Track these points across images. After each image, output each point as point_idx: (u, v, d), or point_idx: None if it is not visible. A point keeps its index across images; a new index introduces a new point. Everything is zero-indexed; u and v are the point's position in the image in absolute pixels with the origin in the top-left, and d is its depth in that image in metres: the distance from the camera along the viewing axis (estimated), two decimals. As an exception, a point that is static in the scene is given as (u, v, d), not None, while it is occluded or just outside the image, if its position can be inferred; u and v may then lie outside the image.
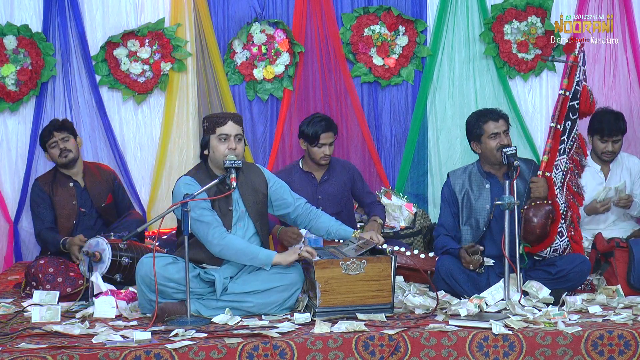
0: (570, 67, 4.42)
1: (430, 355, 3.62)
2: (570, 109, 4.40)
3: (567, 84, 4.42)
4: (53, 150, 5.05)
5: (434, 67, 6.03)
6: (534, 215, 4.21)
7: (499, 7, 5.99)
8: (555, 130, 4.38)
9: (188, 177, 4.19)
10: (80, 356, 3.42)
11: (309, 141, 5.09)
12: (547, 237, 4.25)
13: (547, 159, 4.35)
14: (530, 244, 4.25)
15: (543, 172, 4.33)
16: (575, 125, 4.46)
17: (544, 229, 4.21)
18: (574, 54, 4.46)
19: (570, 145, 4.46)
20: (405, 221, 5.53)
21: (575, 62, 4.41)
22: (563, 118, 4.39)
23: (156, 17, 5.81)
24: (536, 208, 4.23)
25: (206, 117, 4.26)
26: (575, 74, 4.40)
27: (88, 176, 5.13)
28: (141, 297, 4.07)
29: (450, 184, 4.56)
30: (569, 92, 4.40)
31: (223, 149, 4.13)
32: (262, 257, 4.08)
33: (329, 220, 4.39)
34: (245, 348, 3.53)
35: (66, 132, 5.06)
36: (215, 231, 4.06)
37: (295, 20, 5.90)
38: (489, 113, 4.49)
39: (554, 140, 4.37)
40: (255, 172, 4.34)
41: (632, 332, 3.67)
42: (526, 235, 4.21)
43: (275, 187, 4.35)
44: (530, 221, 4.20)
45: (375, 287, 3.93)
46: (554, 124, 4.38)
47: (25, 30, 5.63)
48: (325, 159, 5.11)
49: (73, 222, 5.02)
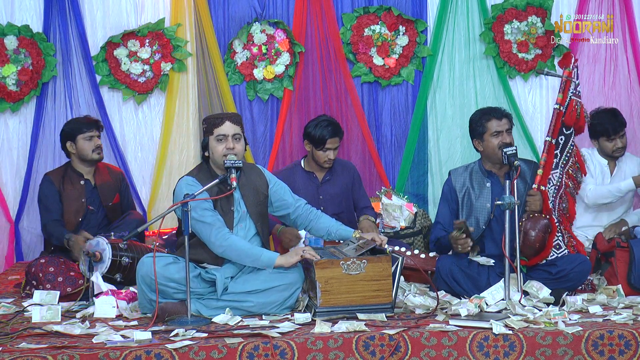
0: (565, 81, 4.46)
1: (431, 355, 3.62)
2: (563, 124, 4.45)
3: (561, 99, 4.47)
4: (88, 142, 5.03)
5: (434, 67, 6.03)
6: (532, 229, 4.22)
7: (499, 7, 5.99)
8: (549, 144, 4.42)
9: (190, 177, 4.20)
10: (81, 356, 3.42)
11: (314, 144, 5.06)
12: (543, 249, 4.27)
13: (542, 173, 4.39)
14: (527, 257, 4.26)
15: (538, 185, 4.35)
16: (570, 139, 4.49)
17: (542, 242, 4.23)
18: (568, 69, 4.49)
19: (565, 161, 4.48)
20: (406, 221, 5.53)
21: (569, 77, 4.44)
22: (557, 132, 4.43)
23: (156, 17, 5.82)
24: (533, 221, 4.24)
25: (205, 119, 4.27)
26: (569, 88, 4.43)
27: (98, 175, 5.15)
28: (141, 297, 4.07)
29: (451, 181, 4.57)
30: (562, 107, 4.44)
31: (221, 149, 4.14)
32: (265, 259, 4.08)
33: (329, 221, 4.39)
34: (245, 348, 3.53)
35: (97, 130, 5.11)
36: (218, 232, 4.06)
37: (295, 20, 5.90)
38: (493, 111, 4.50)
39: (548, 154, 4.42)
40: (256, 172, 4.34)
41: (633, 332, 3.67)
42: (524, 249, 4.21)
43: (276, 188, 4.36)
44: (528, 234, 4.21)
45: (375, 287, 3.93)
46: (549, 138, 4.43)
47: (26, 31, 5.63)
48: (329, 163, 5.10)
49: (79, 219, 5.03)
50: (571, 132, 4.51)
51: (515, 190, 4.15)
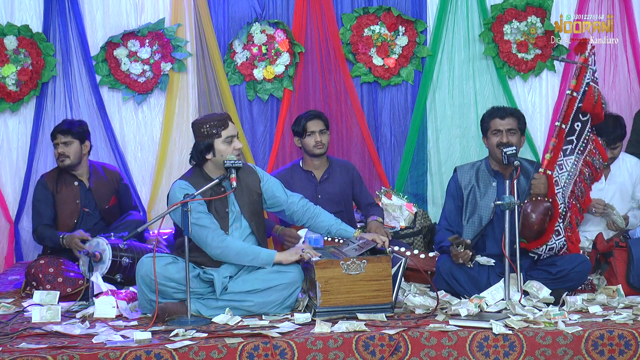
0: (580, 68, 4.38)
1: (431, 355, 3.62)
2: (578, 110, 4.38)
3: (574, 85, 4.37)
4: (55, 150, 5.09)
5: (433, 67, 6.03)
6: (532, 211, 4.21)
7: (498, 7, 5.99)
8: (559, 129, 4.36)
9: (183, 181, 4.19)
10: (81, 356, 3.42)
11: (298, 135, 5.14)
12: (543, 233, 4.25)
13: (550, 157, 4.35)
14: (527, 239, 4.24)
15: (545, 169, 4.32)
16: (587, 126, 4.42)
17: (541, 225, 4.22)
18: (584, 55, 4.41)
19: (583, 147, 4.43)
20: (406, 221, 5.52)
21: (585, 63, 4.36)
22: (570, 118, 4.36)
23: (156, 17, 5.81)
24: (535, 204, 4.23)
25: (203, 122, 4.16)
26: (585, 75, 4.37)
27: (94, 177, 5.15)
28: (141, 297, 4.08)
29: (457, 178, 4.57)
30: (576, 93, 4.36)
31: (231, 151, 4.15)
32: (264, 256, 4.08)
33: (330, 220, 4.39)
34: (245, 348, 3.53)
35: (70, 136, 5.05)
36: (214, 234, 4.07)
37: (295, 20, 5.90)
38: (499, 110, 4.51)
39: (558, 139, 4.36)
40: (247, 171, 4.33)
41: (633, 332, 3.67)
42: (523, 231, 4.20)
43: (268, 184, 4.34)
44: (528, 217, 4.20)
45: (375, 287, 3.93)
46: (559, 123, 4.37)
47: (26, 31, 5.63)
48: (319, 146, 5.10)
49: (75, 221, 5.03)
50: (588, 118, 4.40)
51: (515, 190, 4.15)
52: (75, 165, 5.08)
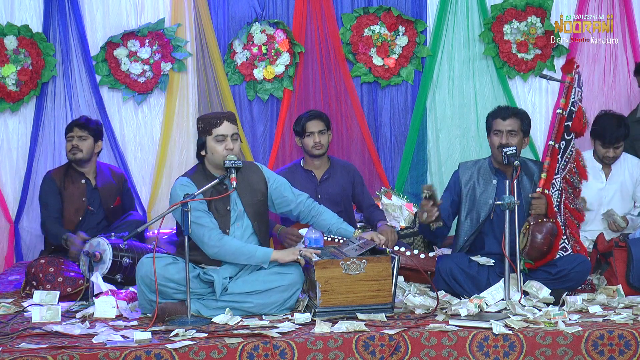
0: (567, 87, 4.45)
1: (431, 355, 3.62)
2: (566, 129, 4.45)
3: (564, 104, 4.47)
4: (67, 143, 5.10)
5: (433, 67, 6.03)
6: (539, 232, 4.22)
7: (498, 7, 5.99)
8: (553, 148, 4.43)
9: (185, 178, 4.19)
10: (81, 356, 3.42)
11: (299, 135, 5.15)
12: (549, 252, 4.27)
13: (546, 177, 4.38)
14: (534, 260, 4.25)
15: (542, 189, 4.35)
16: (570, 145, 4.49)
17: (549, 245, 4.24)
18: (570, 74, 4.47)
19: (564, 166, 4.48)
20: (405, 221, 5.53)
21: (571, 82, 4.43)
22: (560, 137, 4.43)
23: (156, 17, 5.81)
24: (539, 226, 4.24)
25: (200, 118, 4.25)
26: (572, 94, 4.43)
27: (100, 177, 5.16)
28: (141, 297, 4.07)
29: (459, 174, 4.60)
30: (565, 112, 4.44)
31: (221, 150, 4.14)
32: (260, 255, 4.08)
33: (331, 218, 4.40)
34: (245, 348, 3.53)
35: (87, 132, 5.09)
36: (212, 233, 4.07)
37: (295, 20, 5.90)
38: (503, 110, 4.53)
39: (552, 159, 4.42)
40: (253, 170, 4.33)
41: (633, 332, 3.67)
42: (531, 252, 4.21)
43: (276, 185, 4.35)
44: (535, 238, 4.21)
45: (375, 287, 3.93)
46: (552, 142, 4.43)
47: (26, 31, 5.63)
48: (318, 147, 5.10)
49: (79, 218, 5.04)
50: (572, 137, 4.50)
51: (515, 190, 4.15)
52: (86, 161, 5.09)
